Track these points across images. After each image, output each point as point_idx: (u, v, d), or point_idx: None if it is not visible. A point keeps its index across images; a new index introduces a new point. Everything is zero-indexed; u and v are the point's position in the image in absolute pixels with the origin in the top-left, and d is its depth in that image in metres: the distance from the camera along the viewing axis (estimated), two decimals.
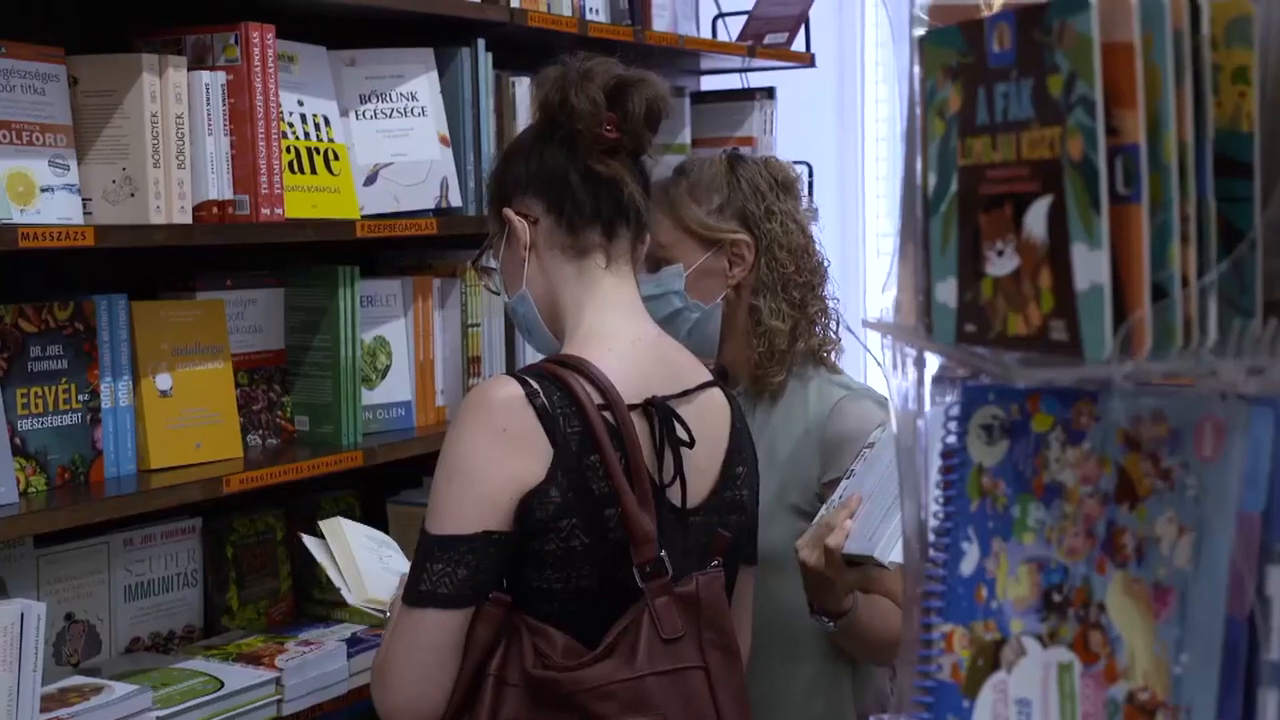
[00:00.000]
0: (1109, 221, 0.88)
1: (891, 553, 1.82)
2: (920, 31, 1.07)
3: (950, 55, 1.01)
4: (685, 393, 1.77)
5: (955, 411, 1.07)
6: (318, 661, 2.25)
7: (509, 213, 1.79)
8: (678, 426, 1.71)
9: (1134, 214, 0.88)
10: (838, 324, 2.22)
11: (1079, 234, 0.89)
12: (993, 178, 0.97)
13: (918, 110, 1.08)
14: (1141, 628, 0.94)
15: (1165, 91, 0.87)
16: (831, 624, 1.97)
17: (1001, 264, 0.96)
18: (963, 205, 1.00)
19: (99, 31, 2.18)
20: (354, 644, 2.31)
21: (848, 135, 4.24)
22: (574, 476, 1.63)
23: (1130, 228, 0.88)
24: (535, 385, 1.65)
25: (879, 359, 3.13)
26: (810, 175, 3.16)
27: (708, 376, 1.83)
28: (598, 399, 1.66)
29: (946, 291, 1.03)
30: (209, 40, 2.18)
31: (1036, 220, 0.93)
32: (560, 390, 1.65)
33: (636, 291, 1.80)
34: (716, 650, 1.69)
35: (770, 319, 2.12)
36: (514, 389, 1.65)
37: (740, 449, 1.83)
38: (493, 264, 1.85)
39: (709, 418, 1.79)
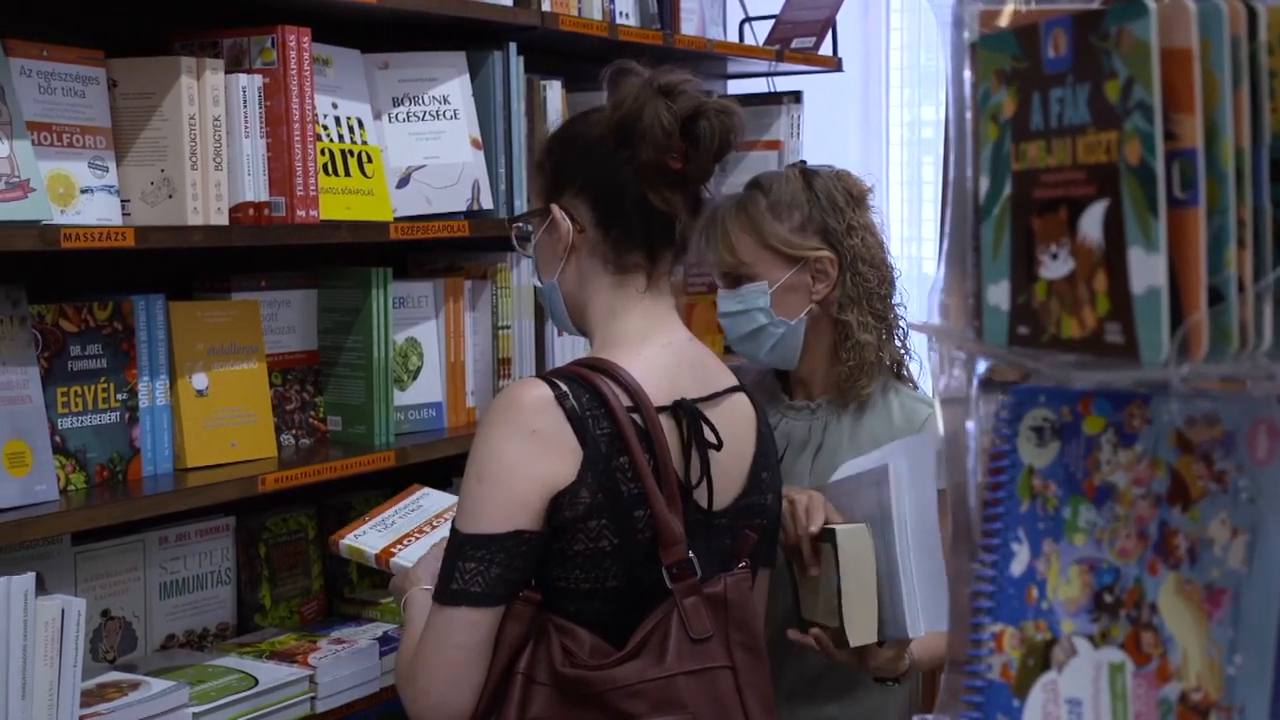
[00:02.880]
0: (1167, 225, 0.89)
1: (867, 634, 1.86)
2: (972, 36, 1.07)
3: (1004, 60, 1.01)
4: (713, 396, 1.77)
5: (1005, 414, 1.08)
6: (350, 659, 2.26)
7: (556, 209, 1.78)
8: (706, 429, 1.71)
9: (1191, 218, 0.89)
10: (907, 332, 2.24)
11: (1136, 237, 0.90)
12: (1047, 182, 0.97)
13: (968, 115, 1.09)
14: (1194, 629, 0.95)
15: (1223, 97, 0.88)
16: (895, 684, 2.01)
17: (1056, 267, 0.97)
18: (1016, 209, 1.01)
19: (138, 35, 2.19)
20: (385, 643, 2.32)
21: (872, 139, 4.24)
22: (603, 478, 1.64)
23: (1187, 231, 0.89)
24: (565, 387, 1.66)
25: (908, 367, 3.13)
26: None
27: (735, 381, 1.84)
28: (626, 401, 1.67)
29: (999, 294, 1.03)
30: (246, 43, 2.20)
31: (1092, 224, 0.93)
32: (589, 392, 1.66)
33: (670, 301, 1.81)
34: (744, 650, 1.69)
35: (860, 332, 2.14)
36: (544, 390, 1.66)
37: (765, 454, 1.84)
38: (529, 239, 1.84)
39: (736, 421, 1.80)
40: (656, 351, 1.75)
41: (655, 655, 1.65)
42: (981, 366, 1.12)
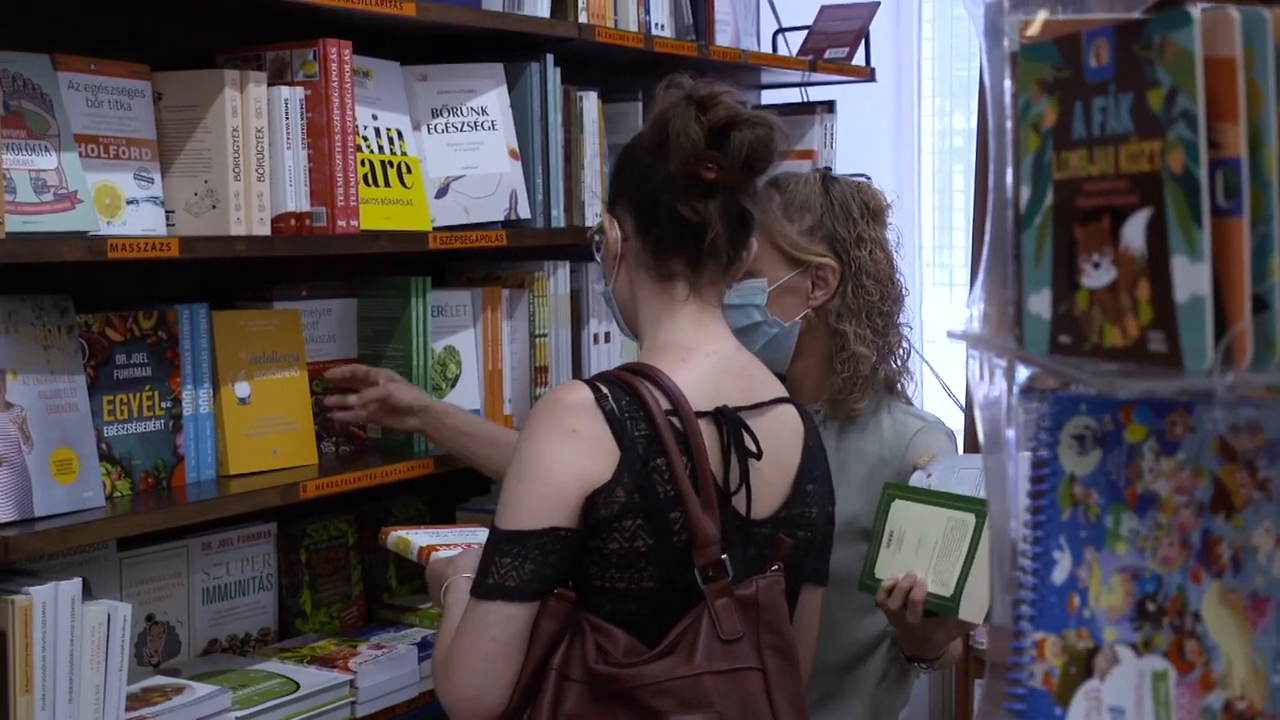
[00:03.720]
0: (1210, 234, 0.88)
1: (978, 612, 1.85)
2: (1013, 47, 1.06)
3: (1046, 70, 1.01)
4: (757, 406, 1.77)
5: (1046, 422, 1.07)
6: (390, 664, 2.26)
7: (607, 218, 1.82)
8: (746, 437, 1.71)
9: (1235, 227, 0.88)
10: (908, 353, 2.23)
11: (1180, 246, 0.89)
12: (1090, 190, 0.97)
13: (1008, 124, 1.09)
14: (1238, 637, 0.94)
15: (1267, 106, 0.87)
16: (926, 668, 2.01)
17: (1098, 276, 0.96)
18: (1058, 218, 1.00)
19: (183, 49, 2.21)
20: (424, 648, 2.33)
21: (904, 147, 4.23)
22: (640, 478, 1.65)
23: (1231, 240, 0.88)
24: (605, 390, 1.68)
25: (937, 373, 3.13)
26: None
27: (782, 392, 1.84)
28: (665, 405, 1.68)
29: (1040, 303, 1.03)
30: (288, 56, 2.21)
31: (1135, 233, 0.93)
32: (629, 395, 1.67)
33: (719, 312, 1.81)
34: (774, 653, 1.69)
35: (856, 345, 2.13)
36: (585, 393, 1.68)
37: (812, 467, 1.83)
38: (599, 248, 1.86)
39: (780, 433, 1.79)
40: (701, 359, 1.75)
41: (685, 654, 1.65)
42: (1022, 375, 1.11)
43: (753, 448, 1.72)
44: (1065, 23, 1.03)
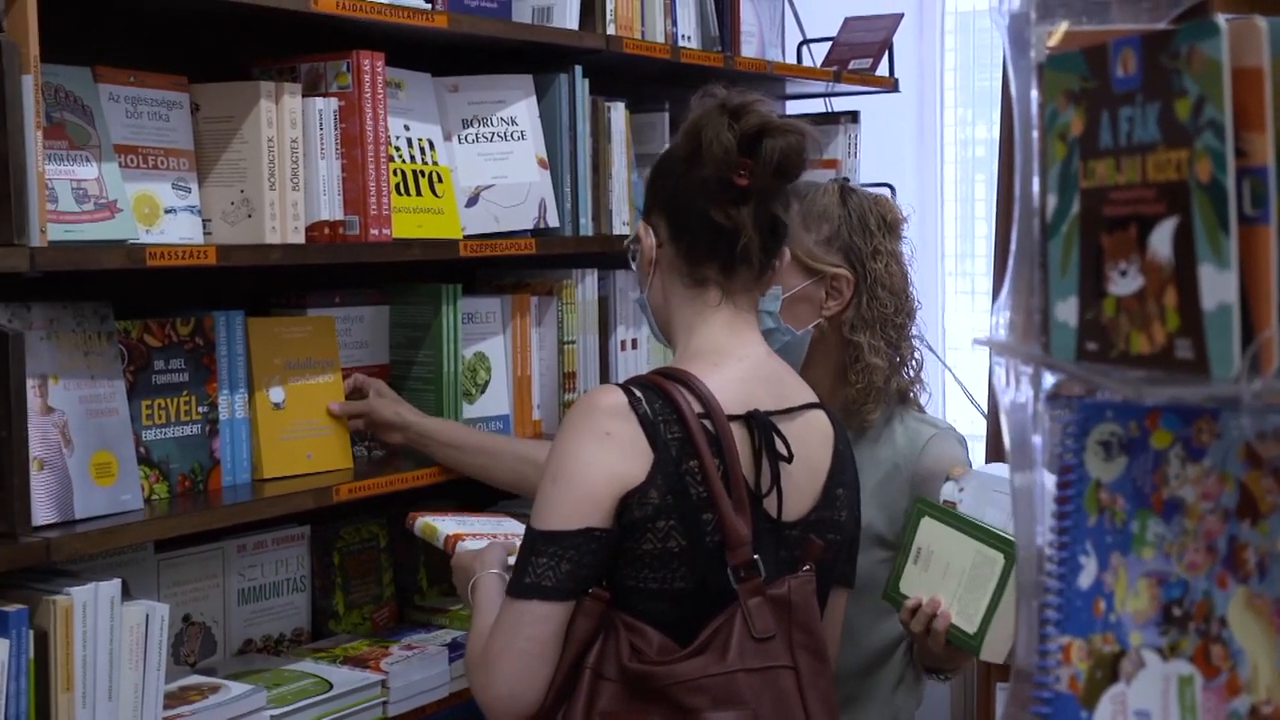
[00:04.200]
0: (1237, 242, 0.87)
1: (999, 653, 1.85)
2: (1040, 57, 1.06)
3: (1073, 80, 1.00)
4: (788, 410, 1.77)
5: (1072, 428, 1.07)
6: (421, 665, 2.27)
7: (642, 225, 1.83)
8: (777, 440, 1.71)
9: (1262, 235, 0.87)
10: (920, 364, 2.23)
11: (1207, 254, 0.89)
12: (1117, 199, 0.96)
13: (1034, 133, 1.08)
14: (1264, 642, 0.94)
15: None
16: (941, 678, 2.02)
17: (1125, 283, 0.96)
18: (1085, 226, 1.00)
19: (220, 61, 2.22)
20: (455, 649, 2.33)
21: (927, 157, 4.22)
22: (673, 480, 1.65)
23: (1258, 248, 0.88)
24: (639, 394, 1.69)
25: (960, 380, 3.12)
26: (894, 196, 3.15)
27: (813, 398, 1.84)
28: (698, 408, 1.68)
29: (1067, 310, 1.02)
30: (322, 68, 2.22)
31: (1162, 241, 0.92)
32: (662, 399, 1.68)
33: (751, 317, 1.82)
34: (806, 652, 1.69)
35: (870, 356, 2.12)
36: (618, 397, 1.69)
37: (841, 471, 1.83)
38: (633, 256, 1.87)
39: (810, 438, 1.79)
40: (733, 364, 1.76)
41: (718, 652, 1.65)
42: (1048, 381, 1.11)
43: (784, 451, 1.72)
44: (1089, 33, 1.03)
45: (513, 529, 2.12)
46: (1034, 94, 1.07)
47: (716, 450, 1.67)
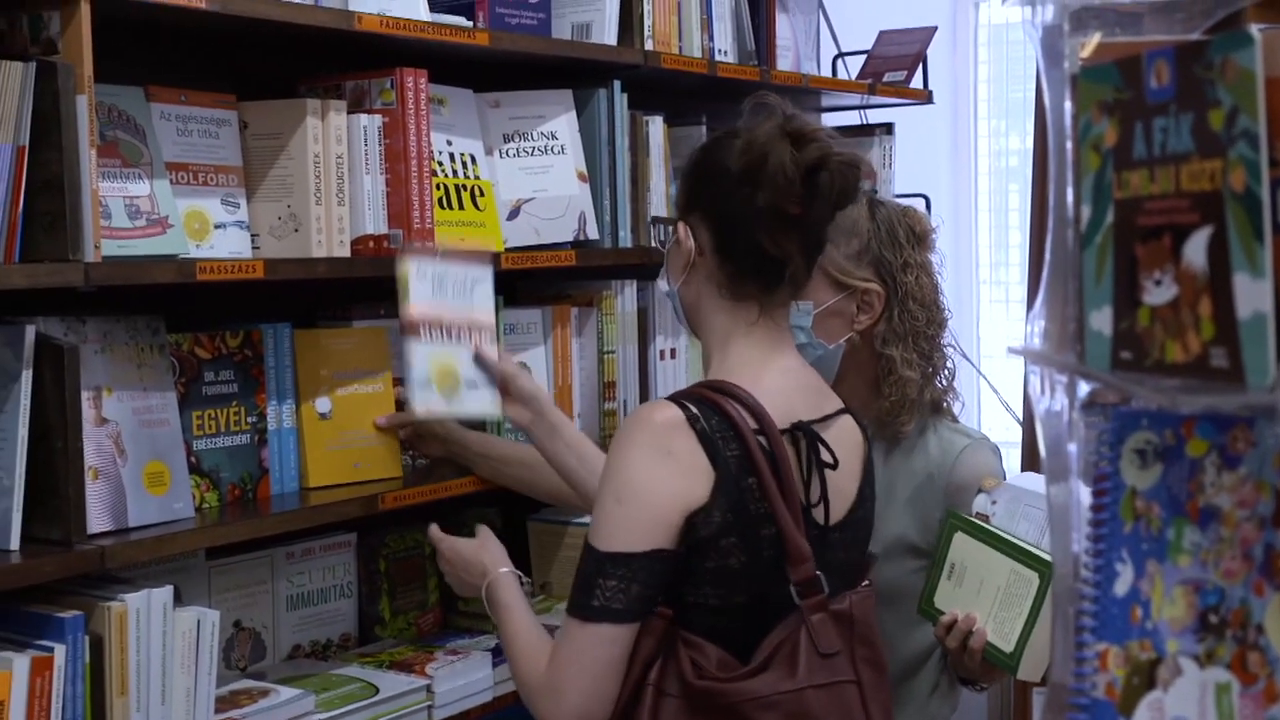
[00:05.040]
0: (1272, 251, 0.86)
1: (1036, 671, 1.84)
2: (1073, 69, 1.05)
3: (1106, 91, 0.99)
4: (825, 418, 1.77)
5: (1108, 437, 1.05)
6: (465, 670, 2.27)
7: (682, 226, 1.78)
8: (822, 450, 1.71)
9: None
10: (953, 374, 2.21)
11: (1241, 264, 0.87)
12: (1151, 209, 0.95)
13: (1068, 144, 1.07)
14: None
15: None
16: (976, 688, 2.01)
17: (1159, 293, 0.94)
18: (1119, 236, 0.99)
19: (267, 80, 2.24)
20: (498, 654, 2.33)
21: (961, 167, 4.20)
22: (733, 498, 1.64)
23: None
24: (695, 410, 1.66)
25: (994, 388, 3.11)
26: (928, 207, 3.14)
27: (840, 404, 1.84)
28: (752, 424, 1.67)
29: (1101, 320, 1.01)
30: (367, 85, 2.23)
31: (1196, 250, 0.91)
32: (718, 415, 1.66)
33: (785, 327, 1.81)
34: (868, 666, 1.69)
35: (903, 369, 2.11)
36: (675, 412, 1.66)
37: (869, 472, 1.84)
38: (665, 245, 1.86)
39: (846, 442, 1.80)
40: (775, 377, 1.75)
41: (786, 669, 1.64)
42: (1082, 390, 1.10)
43: (828, 459, 1.72)
44: (1122, 45, 1.02)
45: (483, 318, 2.15)
46: (1067, 105, 1.06)
47: (771, 465, 1.66)
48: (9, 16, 1.80)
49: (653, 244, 1.87)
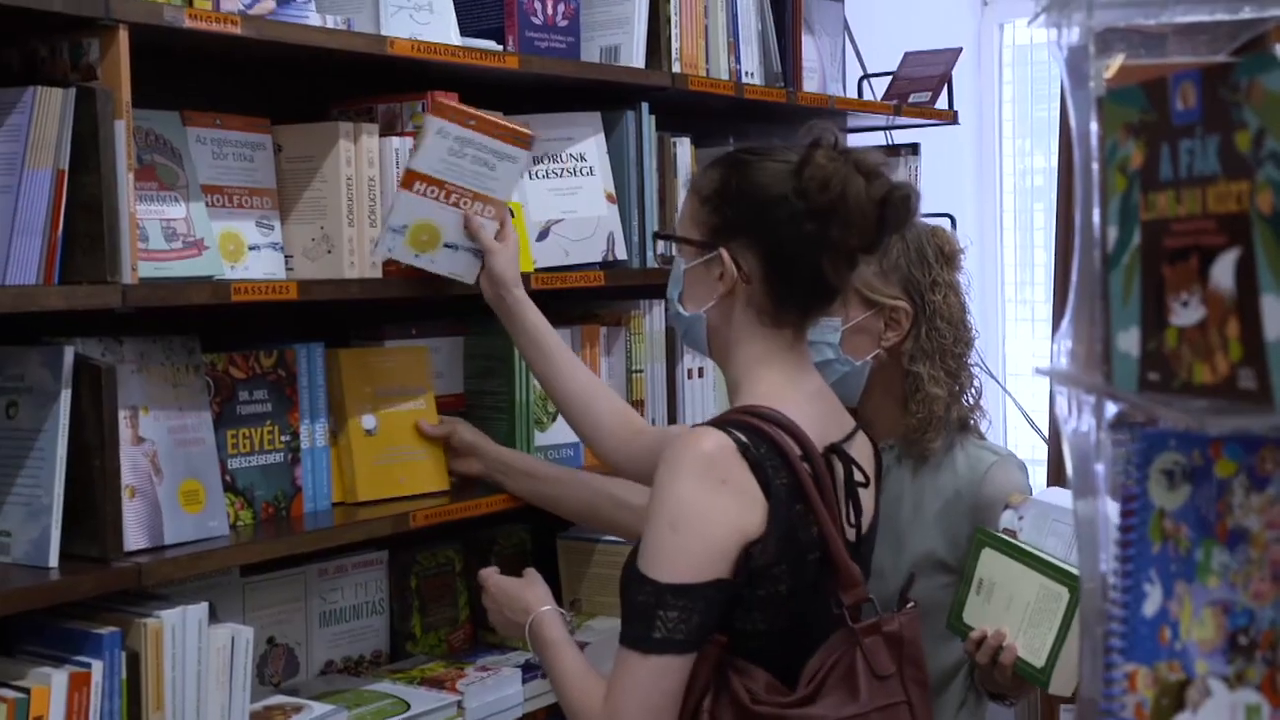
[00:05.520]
0: None
1: (1067, 685, 1.83)
2: (1099, 91, 1.05)
3: (1132, 114, 0.99)
4: (849, 437, 1.77)
5: (1135, 458, 1.05)
6: (495, 686, 2.26)
7: (725, 254, 1.73)
8: (855, 470, 1.72)
9: None
10: (980, 392, 2.21)
11: (1269, 285, 0.87)
12: (1178, 231, 0.94)
13: (1094, 166, 1.07)
14: None
15: None
16: (1006, 703, 2.01)
17: (1187, 314, 0.94)
18: (1146, 258, 0.98)
19: (300, 104, 2.25)
20: (528, 670, 2.32)
21: (986, 187, 4.18)
22: (784, 526, 1.64)
23: None
24: (745, 438, 1.65)
25: (1020, 406, 3.11)
26: (954, 227, 3.13)
27: (853, 421, 1.86)
28: (797, 450, 1.66)
29: (1128, 341, 1.00)
30: (398, 109, 2.24)
31: (1224, 272, 0.90)
32: (766, 443, 1.65)
33: (806, 347, 1.80)
34: (917, 685, 1.70)
35: (930, 386, 2.11)
36: (725, 440, 1.64)
37: (879, 483, 1.87)
38: (672, 257, 1.84)
39: (867, 456, 1.82)
40: (807, 401, 1.74)
41: (846, 693, 1.64)
42: (1110, 410, 1.09)
43: (861, 478, 1.72)
44: (1147, 67, 1.01)
45: (494, 196, 2.13)
46: (1093, 127, 1.06)
47: (819, 491, 1.66)
48: (50, 44, 1.82)
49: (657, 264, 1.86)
